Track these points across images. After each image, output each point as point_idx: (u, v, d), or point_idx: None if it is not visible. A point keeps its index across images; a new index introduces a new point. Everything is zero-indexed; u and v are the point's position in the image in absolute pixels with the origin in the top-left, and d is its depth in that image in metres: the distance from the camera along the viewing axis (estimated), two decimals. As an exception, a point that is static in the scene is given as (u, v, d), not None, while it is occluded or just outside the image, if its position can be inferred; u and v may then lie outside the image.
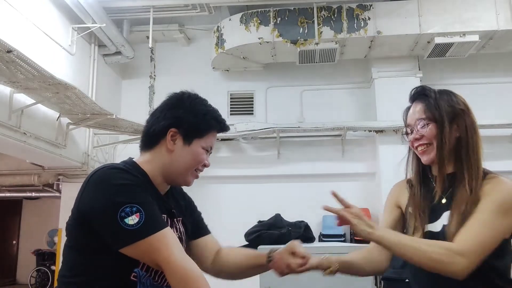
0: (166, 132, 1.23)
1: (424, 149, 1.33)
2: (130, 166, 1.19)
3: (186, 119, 1.24)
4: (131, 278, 1.12)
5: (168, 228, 1.12)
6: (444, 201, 1.30)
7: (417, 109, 1.35)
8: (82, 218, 1.10)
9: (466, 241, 1.17)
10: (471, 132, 1.30)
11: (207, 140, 1.27)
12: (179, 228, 1.31)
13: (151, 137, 1.26)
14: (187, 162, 1.25)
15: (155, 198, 1.19)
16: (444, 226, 1.27)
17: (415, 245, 1.20)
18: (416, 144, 1.35)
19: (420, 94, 1.37)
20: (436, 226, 1.30)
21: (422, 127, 1.32)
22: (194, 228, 1.43)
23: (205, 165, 1.30)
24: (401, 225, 1.45)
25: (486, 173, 1.29)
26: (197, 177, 1.31)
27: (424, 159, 1.34)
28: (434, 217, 1.31)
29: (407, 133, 1.39)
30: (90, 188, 1.11)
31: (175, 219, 1.29)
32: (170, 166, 1.24)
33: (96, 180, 1.11)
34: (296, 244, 1.41)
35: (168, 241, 1.08)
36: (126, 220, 1.03)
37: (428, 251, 1.17)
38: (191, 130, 1.24)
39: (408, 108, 1.40)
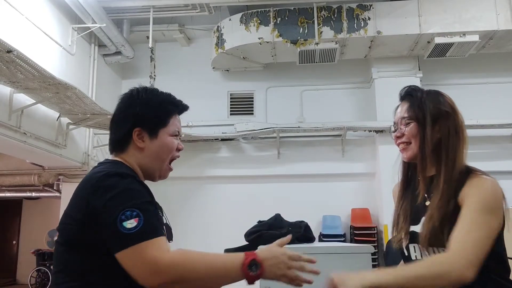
0: (131, 134, 1.24)
1: (403, 147, 1.36)
2: (125, 169, 1.19)
3: (145, 114, 1.25)
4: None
5: (164, 237, 1.09)
6: (427, 203, 1.30)
7: (403, 108, 1.38)
8: (94, 216, 1.07)
9: (457, 244, 1.14)
10: (452, 135, 1.30)
11: (172, 126, 1.28)
12: (168, 224, 1.30)
13: (119, 142, 1.26)
14: (161, 153, 1.26)
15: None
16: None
17: (411, 274, 1.12)
18: (397, 142, 1.38)
19: (407, 94, 1.40)
20: (419, 227, 1.30)
21: (404, 125, 1.35)
22: None
23: (178, 149, 1.30)
24: None
25: (470, 172, 1.26)
26: (171, 169, 1.32)
27: (404, 156, 1.37)
28: (417, 219, 1.31)
29: (394, 131, 1.42)
30: (101, 189, 1.08)
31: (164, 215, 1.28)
32: (145, 162, 1.25)
33: (104, 183, 1.10)
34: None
35: (161, 246, 1.05)
36: (124, 223, 1.03)
37: (427, 273, 1.11)
38: (153, 123, 1.25)
39: (398, 107, 1.43)
